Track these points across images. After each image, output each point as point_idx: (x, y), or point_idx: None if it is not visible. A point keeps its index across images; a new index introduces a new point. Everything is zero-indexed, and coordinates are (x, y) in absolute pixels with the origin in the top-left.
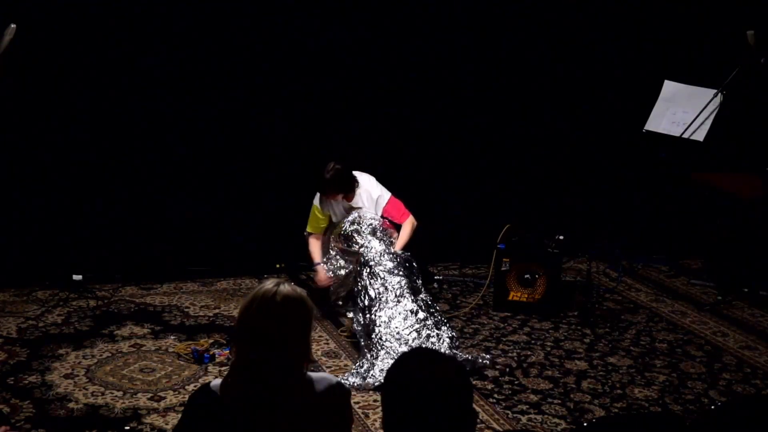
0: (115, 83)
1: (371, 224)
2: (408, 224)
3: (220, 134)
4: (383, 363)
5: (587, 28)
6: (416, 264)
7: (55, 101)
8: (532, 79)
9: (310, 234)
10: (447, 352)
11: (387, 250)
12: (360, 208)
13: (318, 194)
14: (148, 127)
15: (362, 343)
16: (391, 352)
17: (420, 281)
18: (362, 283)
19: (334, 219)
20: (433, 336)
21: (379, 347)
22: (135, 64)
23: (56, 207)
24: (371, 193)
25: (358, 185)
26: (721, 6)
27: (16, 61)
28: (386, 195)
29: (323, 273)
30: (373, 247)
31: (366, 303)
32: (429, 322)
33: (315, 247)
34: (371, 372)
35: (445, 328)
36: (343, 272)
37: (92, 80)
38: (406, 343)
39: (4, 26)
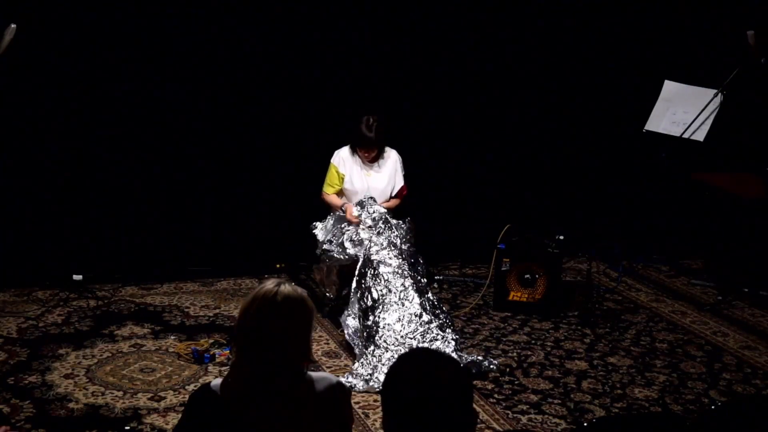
0: (115, 83)
1: (376, 216)
2: (397, 201)
3: (220, 134)
4: (387, 367)
5: (587, 27)
6: (422, 260)
7: (55, 101)
8: (533, 79)
9: (326, 193)
10: (453, 354)
11: (393, 243)
12: (377, 173)
13: (338, 152)
14: (148, 128)
15: (357, 349)
16: (396, 356)
17: (425, 280)
18: (365, 284)
19: (347, 184)
20: (438, 339)
21: (383, 350)
22: (135, 64)
23: (56, 207)
24: (398, 162)
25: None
26: (721, 6)
27: (16, 61)
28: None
29: (354, 209)
30: (377, 242)
31: (369, 305)
32: (433, 325)
33: (334, 197)
34: (374, 375)
35: (450, 330)
36: (344, 257)
37: (92, 80)
38: (410, 347)
39: (4, 26)
